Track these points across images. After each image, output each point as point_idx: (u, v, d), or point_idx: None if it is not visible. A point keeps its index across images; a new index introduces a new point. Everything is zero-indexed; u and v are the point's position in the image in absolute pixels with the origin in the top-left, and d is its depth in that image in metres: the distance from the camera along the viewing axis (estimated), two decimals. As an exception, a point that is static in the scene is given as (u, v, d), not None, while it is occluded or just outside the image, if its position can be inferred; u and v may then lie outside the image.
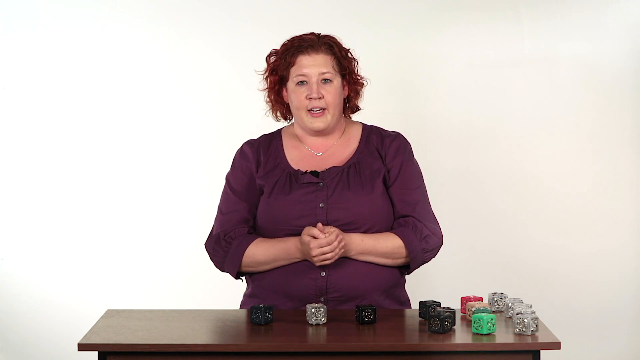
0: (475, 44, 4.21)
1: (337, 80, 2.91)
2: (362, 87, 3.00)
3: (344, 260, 2.83)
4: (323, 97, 2.88)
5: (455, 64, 4.22)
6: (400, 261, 2.88)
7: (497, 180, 4.25)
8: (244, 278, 3.00)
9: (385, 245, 2.84)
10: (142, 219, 4.28)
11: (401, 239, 2.84)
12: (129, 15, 4.23)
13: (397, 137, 2.98)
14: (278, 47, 2.98)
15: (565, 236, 4.24)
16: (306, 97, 2.88)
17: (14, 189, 4.28)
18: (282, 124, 3.10)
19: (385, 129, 3.02)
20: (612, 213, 4.24)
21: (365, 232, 2.85)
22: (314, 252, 2.75)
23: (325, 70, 2.88)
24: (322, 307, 2.61)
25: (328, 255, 2.75)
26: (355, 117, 3.09)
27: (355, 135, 2.98)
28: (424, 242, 2.87)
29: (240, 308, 2.98)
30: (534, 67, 4.21)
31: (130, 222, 4.28)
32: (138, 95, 4.26)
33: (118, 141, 4.27)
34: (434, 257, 2.93)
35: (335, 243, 2.74)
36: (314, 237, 2.75)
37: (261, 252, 2.87)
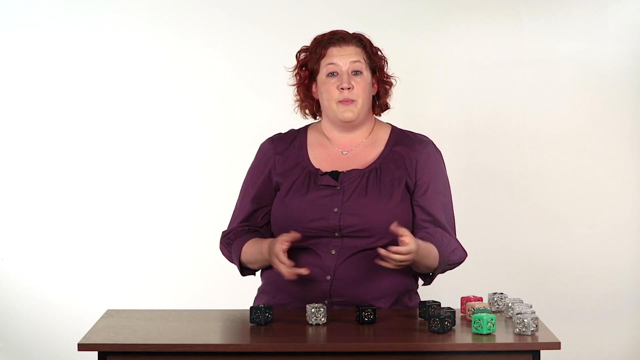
0: (475, 44, 4.21)
1: (367, 74, 2.91)
2: (391, 87, 3.00)
3: (351, 264, 2.82)
4: (353, 87, 2.88)
5: (455, 64, 4.22)
6: (426, 271, 2.86)
7: (497, 180, 4.25)
8: (257, 273, 3.00)
9: (433, 257, 2.80)
10: (143, 219, 4.29)
11: (438, 250, 2.81)
12: (129, 16, 4.23)
13: (428, 143, 2.95)
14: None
15: (565, 236, 4.24)
16: (337, 88, 2.87)
17: (14, 189, 4.28)
18: (297, 122, 3.08)
19: (415, 132, 2.99)
20: (612, 212, 4.24)
21: (378, 240, 2.82)
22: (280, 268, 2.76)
23: (355, 60, 2.88)
24: (322, 307, 2.61)
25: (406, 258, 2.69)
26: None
27: (383, 137, 2.96)
28: (452, 254, 2.86)
29: (254, 302, 2.97)
30: (534, 67, 4.21)
31: (130, 222, 4.29)
32: (138, 95, 4.26)
33: (118, 141, 4.27)
34: (452, 269, 2.92)
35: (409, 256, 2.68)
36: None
37: (249, 251, 2.89)
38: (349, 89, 2.86)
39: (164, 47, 4.25)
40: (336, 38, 2.90)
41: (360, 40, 2.92)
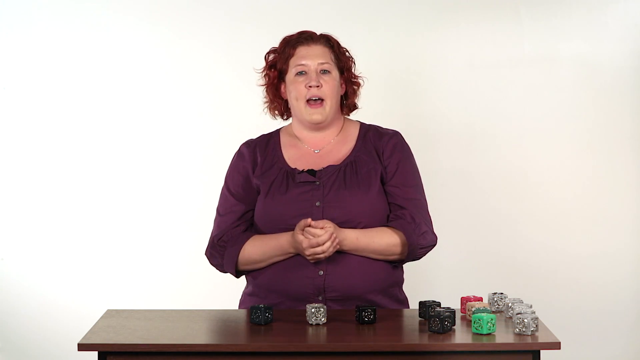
0: (475, 44, 4.21)
1: (335, 73, 2.95)
2: (359, 87, 3.03)
3: (342, 259, 2.83)
4: (322, 86, 2.90)
5: (455, 64, 4.22)
6: (393, 258, 2.88)
7: (497, 180, 4.25)
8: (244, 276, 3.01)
9: (379, 243, 2.84)
10: (142, 219, 4.28)
11: (402, 232, 2.84)
12: (128, 16, 4.23)
13: (395, 135, 2.99)
14: (276, 46, 3.01)
15: (565, 236, 4.24)
16: (305, 86, 2.91)
17: (14, 189, 4.28)
18: (279, 123, 3.10)
19: (383, 127, 3.02)
20: (612, 213, 4.24)
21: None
22: (307, 252, 2.76)
23: (323, 61, 2.93)
24: (322, 307, 2.61)
25: (319, 254, 2.76)
26: (355, 116, 3.10)
27: (353, 133, 2.99)
28: (421, 238, 2.87)
29: (240, 306, 2.98)
30: (534, 67, 4.21)
31: (130, 223, 4.28)
32: (137, 95, 4.26)
33: (118, 141, 4.27)
34: (424, 255, 2.93)
35: (328, 243, 2.75)
36: (308, 232, 2.75)
37: (256, 250, 2.88)
38: (317, 87, 2.89)
39: (164, 47, 4.25)
40: (304, 37, 2.95)
41: (328, 40, 2.97)
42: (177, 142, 4.27)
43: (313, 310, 2.61)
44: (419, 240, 2.86)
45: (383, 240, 2.84)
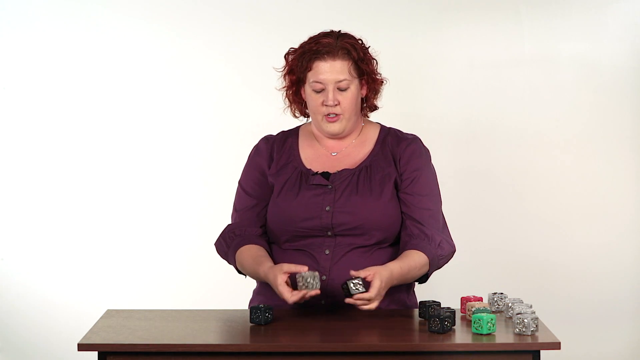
0: (475, 44, 4.21)
1: (354, 85, 2.86)
2: (381, 86, 2.97)
3: (346, 264, 2.81)
4: (339, 103, 2.85)
5: (455, 64, 4.22)
6: (422, 275, 2.87)
7: (497, 180, 4.25)
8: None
9: (416, 267, 2.79)
10: (143, 219, 4.29)
11: (420, 250, 2.80)
12: (128, 16, 4.23)
13: (414, 140, 2.94)
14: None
15: (565, 236, 4.24)
16: (322, 104, 2.85)
17: (14, 189, 4.28)
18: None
19: (404, 131, 2.99)
20: (612, 212, 4.24)
21: (370, 238, 2.83)
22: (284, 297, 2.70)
23: (342, 78, 2.83)
24: (315, 275, 2.60)
25: (372, 306, 2.66)
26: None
27: (372, 137, 2.96)
28: (439, 249, 2.84)
29: (250, 305, 2.97)
30: (534, 67, 4.21)
31: (130, 222, 4.29)
32: (138, 95, 4.27)
33: (118, 141, 4.28)
34: (446, 263, 2.90)
35: (376, 303, 2.66)
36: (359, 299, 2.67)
37: (246, 260, 2.86)
38: (334, 105, 2.84)
39: (164, 47, 4.25)
40: (323, 52, 2.83)
41: (348, 52, 2.84)
42: (177, 142, 4.28)
43: (309, 279, 2.59)
44: (438, 252, 2.83)
45: (416, 262, 2.80)
